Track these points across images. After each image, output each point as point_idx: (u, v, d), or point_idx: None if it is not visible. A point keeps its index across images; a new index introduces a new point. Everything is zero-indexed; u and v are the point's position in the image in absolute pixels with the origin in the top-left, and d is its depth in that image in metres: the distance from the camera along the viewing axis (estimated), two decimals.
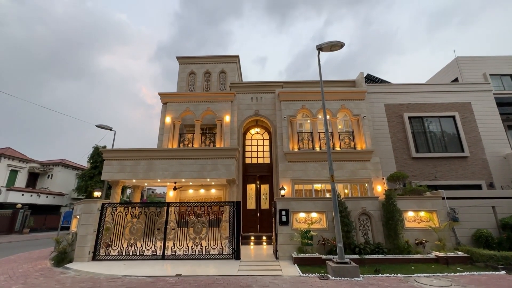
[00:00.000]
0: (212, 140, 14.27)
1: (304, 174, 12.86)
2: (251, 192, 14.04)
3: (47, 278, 6.93)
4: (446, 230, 8.81)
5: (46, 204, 26.93)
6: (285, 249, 8.76)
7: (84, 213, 9.02)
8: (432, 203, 9.26)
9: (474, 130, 14.33)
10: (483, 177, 13.49)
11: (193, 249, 8.84)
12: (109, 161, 12.03)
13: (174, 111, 14.28)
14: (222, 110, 14.22)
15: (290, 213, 9.23)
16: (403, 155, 13.97)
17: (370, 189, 12.71)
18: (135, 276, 6.92)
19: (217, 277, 6.77)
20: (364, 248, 8.31)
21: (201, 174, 11.62)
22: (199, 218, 9.20)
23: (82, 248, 8.60)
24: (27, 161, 27.25)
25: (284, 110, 13.92)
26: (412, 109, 14.75)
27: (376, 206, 9.24)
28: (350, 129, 14.06)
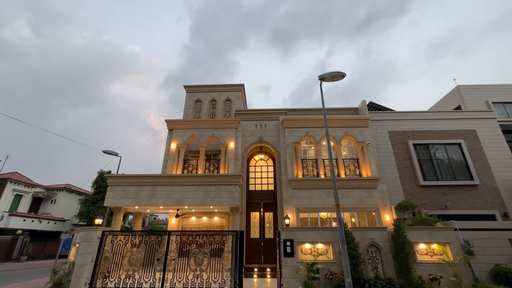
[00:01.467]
0: (216, 167, 14.28)
1: (309, 201, 12.57)
2: (255, 220, 13.66)
3: None
4: (462, 265, 8.28)
5: (47, 230, 26.49)
6: (290, 283, 8.28)
7: (84, 241, 8.82)
8: (445, 234, 8.83)
9: (482, 158, 14.10)
10: (496, 206, 12.98)
11: (193, 282, 8.40)
12: (113, 187, 12.02)
13: (180, 138, 14.51)
14: (227, 136, 14.40)
15: (295, 244, 8.86)
16: (410, 182, 13.67)
17: (378, 218, 12.28)
18: None
19: None
20: (375, 284, 7.80)
21: (204, 201, 11.45)
22: (201, 248, 8.87)
23: (79, 279, 8.28)
24: (32, 185, 27.40)
25: (288, 137, 14.04)
26: (417, 136, 14.73)
27: (385, 237, 8.84)
28: (354, 156, 13.99)
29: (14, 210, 24.54)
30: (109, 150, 15.92)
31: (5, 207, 23.81)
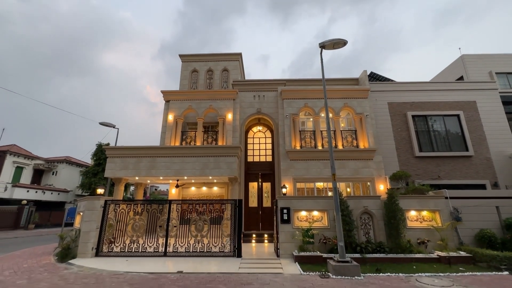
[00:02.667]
0: (214, 138, 14.31)
1: (306, 172, 12.83)
2: (253, 190, 14.06)
3: (50, 274, 7.03)
4: (449, 230, 8.75)
5: (51, 201, 27.22)
6: (286, 247, 8.78)
7: (87, 209, 9.12)
8: (435, 202, 9.19)
9: (479, 129, 14.17)
10: (488, 176, 13.35)
11: (194, 247, 8.90)
12: (112, 159, 12.13)
13: (177, 109, 14.31)
14: (224, 108, 14.22)
15: (292, 212, 9.23)
16: (406, 154, 13.87)
17: (372, 188, 12.66)
18: (137, 273, 6.98)
19: (218, 275, 6.81)
20: (366, 247, 8.29)
21: (203, 172, 11.66)
22: (201, 216, 9.25)
23: (85, 245, 8.70)
24: (32, 158, 27.55)
25: (286, 108, 13.88)
26: (416, 107, 14.62)
27: (378, 205, 9.20)
28: (353, 128, 13.99)
29: (17, 182, 24.97)
30: (106, 122, 15.78)
31: (7, 179, 24.20)
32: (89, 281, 6.29)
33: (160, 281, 6.29)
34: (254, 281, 6.24)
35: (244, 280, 6.35)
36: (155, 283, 6.10)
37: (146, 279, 6.43)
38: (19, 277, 6.69)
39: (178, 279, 6.47)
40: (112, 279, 6.44)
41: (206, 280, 6.33)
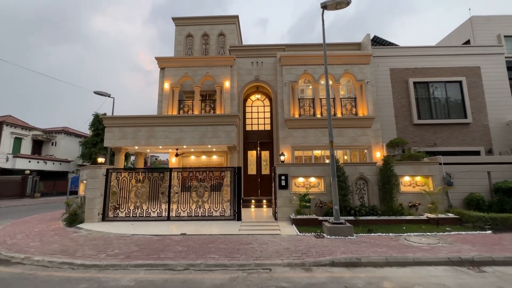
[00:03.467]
0: (212, 107, 14.13)
1: (304, 140, 12.93)
2: (252, 159, 14.29)
3: (61, 237, 7.44)
4: (440, 194, 9.12)
5: (54, 171, 27.74)
6: (284, 211, 9.20)
7: (90, 178, 9.33)
8: (429, 168, 9.45)
9: (480, 96, 14.01)
10: (483, 143, 13.54)
11: (196, 211, 9.31)
12: (110, 128, 12.08)
13: (172, 77, 13.89)
14: (222, 75, 13.81)
15: (289, 178, 9.50)
16: (404, 121, 13.87)
17: (369, 156, 12.88)
18: (143, 235, 7.40)
19: (219, 236, 7.23)
20: (359, 210, 8.71)
21: (202, 140, 11.71)
22: (201, 183, 9.53)
23: (91, 210, 9.08)
24: (29, 128, 27.39)
25: (285, 76, 13.50)
26: (418, 74, 14.25)
27: (373, 171, 9.45)
28: (352, 95, 13.79)
29: (17, 152, 25.15)
30: (100, 91, 15.42)
31: (7, 150, 24.33)
32: (98, 243, 6.69)
33: (165, 242, 6.69)
34: (253, 241, 6.65)
35: (244, 240, 6.77)
36: (161, 244, 6.50)
37: (151, 241, 6.83)
38: (31, 240, 7.08)
39: (182, 240, 6.88)
40: (119, 241, 6.85)
41: (208, 241, 6.73)
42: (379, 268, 4.99)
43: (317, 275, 4.64)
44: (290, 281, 4.39)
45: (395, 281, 4.36)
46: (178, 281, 4.43)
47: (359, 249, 5.84)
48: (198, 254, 5.65)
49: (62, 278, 4.65)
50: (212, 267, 5.04)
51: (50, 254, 5.84)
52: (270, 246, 6.19)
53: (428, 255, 5.36)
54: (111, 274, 4.80)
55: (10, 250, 6.16)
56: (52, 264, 5.34)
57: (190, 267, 5.05)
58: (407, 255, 5.37)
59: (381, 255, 5.39)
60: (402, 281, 4.34)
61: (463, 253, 5.44)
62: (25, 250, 6.16)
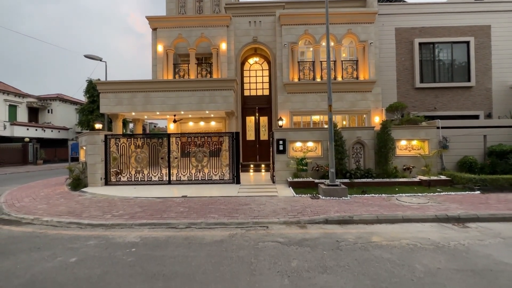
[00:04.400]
0: (208, 71, 13.66)
1: (303, 105, 12.78)
2: (250, 124, 14.25)
3: (67, 199, 7.74)
4: (435, 157, 9.31)
5: (53, 138, 27.83)
6: (281, 174, 9.47)
7: (89, 144, 9.39)
8: (426, 132, 9.49)
9: (486, 58, 13.52)
10: (484, 107, 13.44)
11: (196, 175, 9.57)
12: (105, 94, 11.82)
13: (166, 38, 13.17)
14: (218, 36, 13.08)
15: (287, 143, 9.59)
16: (406, 85, 13.57)
17: (368, 120, 12.85)
18: (146, 197, 7.70)
19: (219, 198, 7.54)
20: (355, 173, 8.97)
21: (199, 106, 11.55)
22: (200, 148, 9.64)
23: (94, 175, 9.31)
24: (22, 95, 26.78)
25: (285, 36, 12.81)
26: (425, 34, 13.54)
27: (371, 135, 9.51)
28: (354, 58, 13.26)
29: (14, 120, 24.94)
30: (91, 54, 14.76)
31: (3, 117, 24.07)
32: (103, 205, 6.98)
33: (166, 203, 6.99)
34: (251, 202, 6.95)
35: (243, 201, 7.07)
36: (163, 205, 6.80)
37: (154, 202, 7.13)
38: (38, 203, 7.38)
39: (183, 201, 7.18)
40: (123, 203, 7.14)
41: (208, 202, 7.04)
42: (369, 225, 5.29)
43: (311, 232, 4.94)
44: (285, 236, 4.69)
45: (384, 236, 4.67)
46: (181, 238, 4.72)
47: (352, 208, 6.14)
48: (199, 214, 5.95)
49: (71, 236, 4.94)
50: (212, 225, 5.34)
51: (58, 215, 6.13)
52: (268, 207, 6.48)
53: (417, 213, 5.66)
54: (117, 232, 5.09)
55: (20, 212, 6.45)
56: (60, 224, 5.63)
57: (192, 226, 5.35)
58: (396, 213, 5.66)
59: (372, 213, 5.68)
60: (390, 236, 4.64)
61: (450, 211, 5.73)
62: (33, 212, 6.45)
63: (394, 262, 3.62)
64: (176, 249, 4.20)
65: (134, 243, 4.52)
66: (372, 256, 3.80)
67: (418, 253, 3.92)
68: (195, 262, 3.73)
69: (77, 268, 3.61)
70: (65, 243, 4.58)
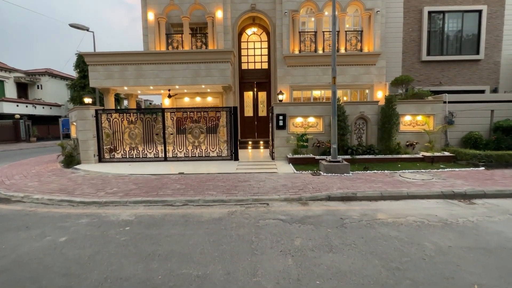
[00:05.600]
0: (203, 42, 12.83)
1: (303, 79, 12.20)
2: (248, 100, 13.72)
3: (59, 177, 7.46)
4: (439, 133, 9.04)
5: (45, 115, 26.98)
6: (281, 151, 9.19)
7: (80, 119, 8.93)
8: (432, 107, 9.12)
9: (498, 29, 12.79)
10: (490, 82, 12.97)
11: (193, 152, 9.27)
12: (94, 67, 11.12)
13: (157, 5, 12.15)
14: (213, 3, 12.08)
15: (287, 118, 9.20)
16: (412, 58, 12.93)
17: (370, 95, 12.39)
18: (141, 174, 7.44)
19: (216, 174, 7.30)
20: (357, 150, 8.72)
21: (194, 80, 10.95)
22: (197, 124, 9.24)
23: (86, 152, 8.97)
24: (9, 70, 25.54)
25: (285, 3, 11.88)
26: (435, 1, 12.64)
27: (374, 110, 9.13)
28: (359, 28, 12.45)
29: (2, 96, 23.97)
30: (77, 23, 13.72)
31: None
32: (97, 182, 6.72)
33: (162, 180, 6.74)
34: (250, 179, 6.73)
35: (242, 178, 6.85)
36: (159, 182, 6.56)
37: (149, 179, 6.88)
38: (29, 180, 7.09)
39: (180, 178, 6.94)
40: (117, 180, 6.89)
41: (206, 179, 6.80)
42: (373, 202, 5.12)
43: (314, 209, 4.75)
44: (287, 214, 4.49)
45: (389, 213, 4.49)
46: (177, 215, 4.51)
47: (355, 184, 5.94)
48: (197, 191, 5.72)
49: (62, 214, 4.71)
50: (211, 203, 5.13)
51: (49, 192, 5.87)
52: (267, 183, 6.27)
53: (422, 189, 5.48)
54: (111, 210, 4.87)
55: (9, 190, 6.18)
56: (51, 202, 5.39)
57: (189, 203, 5.13)
58: (401, 189, 5.48)
59: (376, 190, 5.49)
60: (395, 213, 4.46)
61: (456, 187, 5.56)
62: (23, 189, 6.18)
63: (402, 240, 3.44)
64: (173, 227, 4.00)
65: (128, 221, 4.30)
66: (379, 234, 3.62)
67: (426, 230, 3.74)
68: (193, 241, 3.53)
69: (66, 248, 3.39)
70: (55, 221, 4.35)
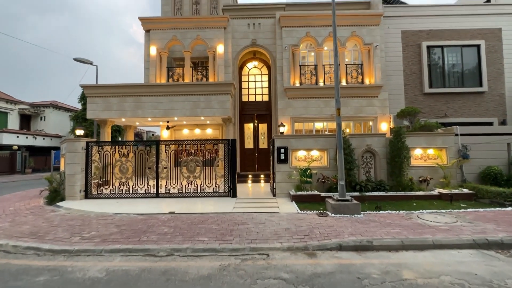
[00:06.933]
0: (204, 75, 12.86)
1: (305, 111, 11.92)
2: (249, 132, 13.34)
3: (36, 216, 6.70)
4: (453, 168, 8.36)
5: (45, 146, 26.73)
6: (283, 187, 8.47)
7: (69, 152, 8.42)
8: (443, 140, 8.57)
9: (498, 62, 12.80)
10: (497, 114, 12.61)
11: (187, 188, 8.56)
12: (93, 99, 10.97)
13: (160, 40, 12.42)
14: (214, 38, 12.34)
15: (289, 151, 8.64)
16: (414, 90, 12.77)
17: (374, 127, 11.98)
18: (127, 214, 6.67)
19: (211, 215, 6.52)
20: (366, 186, 7.98)
21: (194, 112, 10.68)
22: (193, 157, 8.67)
23: (72, 187, 8.29)
24: (15, 102, 25.96)
25: (285, 39, 12.08)
26: (433, 37, 12.85)
27: (382, 143, 8.58)
28: (359, 62, 12.51)
29: (4, 127, 23.98)
30: (81, 58, 14.00)
31: None
32: (75, 223, 5.95)
33: (149, 222, 5.96)
34: (249, 221, 5.94)
35: (239, 219, 6.06)
36: (145, 224, 5.77)
37: (135, 220, 6.10)
38: (2, 220, 6.34)
39: (169, 219, 6.16)
40: (99, 221, 6.12)
41: (199, 220, 6.02)
42: (394, 252, 4.30)
43: (323, 262, 3.93)
44: (291, 270, 3.68)
45: (416, 269, 3.66)
46: (157, 272, 3.71)
47: (369, 229, 5.14)
48: (186, 237, 4.93)
49: (20, 268, 3.92)
50: (200, 252, 4.33)
51: (17, 237, 5.10)
52: (268, 227, 5.48)
53: (449, 236, 4.66)
54: (80, 262, 4.07)
55: None
56: (15, 249, 4.61)
57: (175, 253, 4.34)
58: (425, 236, 4.66)
59: (395, 236, 4.68)
60: (424, 270, 3.64)
61: (489, 234, 4.74)
62: None
63: None
64: None
65: (96, 280, 3.50)
66: None
67: None
68: None
69: None
70: (6, 279, 3.56)
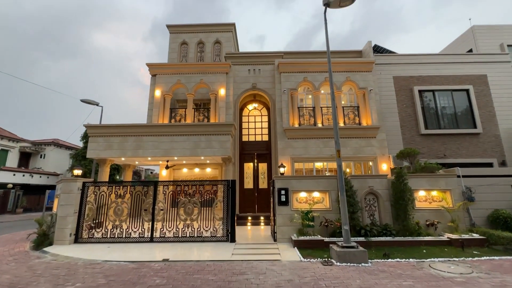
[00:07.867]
0: (206, 116, 13.24)
1: (304, 151, 11.98)
2: (249, 171, 13.23)
3: (19, 264, 6.22)
4: (460, 211, 8.07)
5: (40, 184, 26.26)
6: (284, 231, 8.06)
7: (64, 192, 8.20)
8: (446, 181, 8.45)
9: (489, 105, 13.31)
10: (495, 154, 12.67)
11: (184, 231, 8.13)
12: (95, 138, 11.11)
13: (164, 84, 13.08)
14: (217, 82, 13.02)
15: (290, 193, 8.43)
16: (411, 131, 13.04)
17: (374, 168, 11.92)
18: (117, 262, 6.20)
19: (208, 263, 6.06)
20: (371, 230, 7.61)
21: (194, 151, 10.73)
22: (191, 198, 8.42)
23: (62, 230, 7.87)
24: (17, 140, 26.25)
25: (284, 83, 12.75)
26: (423, 81, 13.60)
27: (384, 185, 8.43)
28: (354, 104, 13.01)
29: (2, 165, 23.84)
30: (88, 99, 14.56)
31: None
32: (59, 273, 5.49)
33: (141, 271, 5.51)
34: (248, 270, 5.50)
35: (237, 269, 5.61)
36: (135, 274, 5.32)
37: (125, 270, 5.64)
38: None
39: (163, 268, 5.71)
40: (86, 270, 5.65)
41: (194, 270, 5.57)
42: None
43: None
44: None
45: None
46: None
47: (379, 281, 4.73)
48: None
49: None
50: None
51: None
52: (269, 278, 5.05)
53: None
54: None
55: None
56: None
57: None
58: None
59: None
60: None
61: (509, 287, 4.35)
62: None
63: None
64: None
65: None
66: None
67: None
68: None
69: None
70: None
